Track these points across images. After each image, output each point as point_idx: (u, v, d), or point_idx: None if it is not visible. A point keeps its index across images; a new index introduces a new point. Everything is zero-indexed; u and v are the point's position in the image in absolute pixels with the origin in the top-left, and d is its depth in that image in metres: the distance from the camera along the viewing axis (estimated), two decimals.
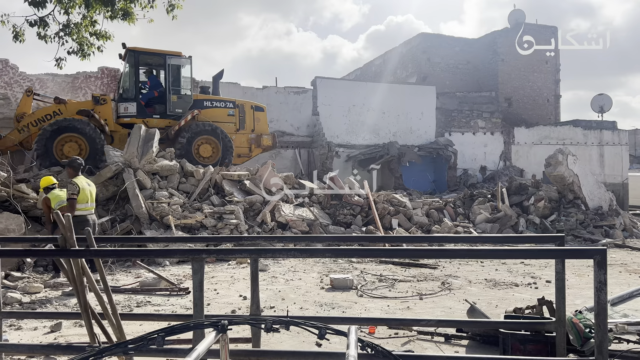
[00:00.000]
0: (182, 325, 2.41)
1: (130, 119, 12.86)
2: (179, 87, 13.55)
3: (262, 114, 14.71)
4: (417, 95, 22.39)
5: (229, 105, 14.17)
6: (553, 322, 3.48)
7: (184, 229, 10.26)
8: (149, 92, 13.47)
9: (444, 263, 9.51)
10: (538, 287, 7.42)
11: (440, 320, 3.63)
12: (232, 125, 13.99)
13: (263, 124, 14.69)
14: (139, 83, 13.28)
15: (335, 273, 8.36)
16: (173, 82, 13.41)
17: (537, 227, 13.60)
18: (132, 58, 13.06)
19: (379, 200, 13.24)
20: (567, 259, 5.05)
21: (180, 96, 13.49)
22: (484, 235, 11.07)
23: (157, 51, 13.19)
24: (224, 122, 13.85)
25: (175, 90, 13.43)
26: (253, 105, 14.72)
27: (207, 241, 7.01)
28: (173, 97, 13.34)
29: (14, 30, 6.54)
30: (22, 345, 3.87)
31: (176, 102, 13.36)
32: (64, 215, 3.21)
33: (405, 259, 9.22)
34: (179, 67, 13.48)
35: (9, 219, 8.60)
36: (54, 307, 6.16)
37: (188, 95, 13.64)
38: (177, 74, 13.51)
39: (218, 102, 14.13)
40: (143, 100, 13.29)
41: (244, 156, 14.53)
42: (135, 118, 12.86)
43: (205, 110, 13.69)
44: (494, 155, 23.25)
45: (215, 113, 13.85)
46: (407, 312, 5.90)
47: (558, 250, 3.37)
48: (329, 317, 4.85)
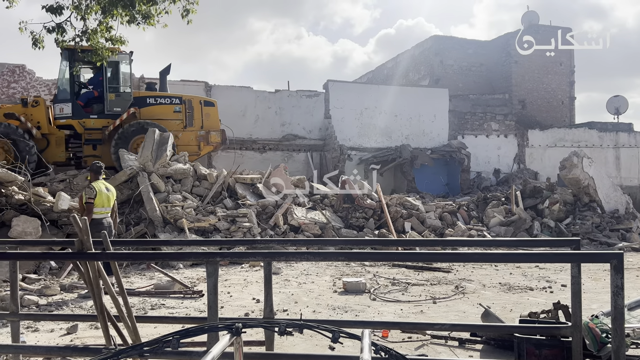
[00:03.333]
0: (197, 327, 2.43)
1: (66, 121, 12.34)
2: (118, 85, 12.83)
3: (212, 109, 13.83)
4: (429, 98, 22.31)
5: (175, 102, 13.28)
6: (569, 327, 3.44)
7: (198, 232, 10.33)
8: (87, 92, 12.84)
9: (458, 267, 9.44)
10: (553, 291, 7.34)
11: (454, 325, 3.61)
12: (178, 122, 13.12)
13: (214, 119, 13.80)
14: (75, 83, 12.69)
15: (348, 276, 8.35)
16: (111, 79, 12.70)
17: (552, 231, 13.45)
18: (67, 57, 12.29)
19: (391, 204, 13.21)
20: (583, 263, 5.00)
21: (119, 94, 12.71)
22: (498, 239, 10.96)
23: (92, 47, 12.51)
24: (170, 119, 13.00)
25: (114, 89, 12.70)
26: (202, 100, 13.89)
27: (221, 244, 7.04)
28: (111, 96, 12.58)
29: (33, 37, 6.66)
30: (40, 347, 3.92)
31: (114, 100, 12.60)
32: (80, 219, 3.26)
33: (419, 262, 9.18)
34: (117, 64, 12.67)
35: (26, 222, 8.74)
36: (70, 309, 6.24)
37: (127, 92, 12.83)
38: (116, 71, 12.76)
39: (163, 98, 13.22)
40: (82, 100, 12.66)
41: (193, 154, 13.34)
42: (71, 119, 12.33)
43: (149, 108, 12.89)
44: (508, 158, 23.06)
45: (160, 110, 13.01)
46: (420, 316, 5.87)
47: (574, 255, 3.34)
48: (342, 320, 4.85)
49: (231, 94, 20.09)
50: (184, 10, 6.72)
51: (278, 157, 19.92)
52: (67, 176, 11.18)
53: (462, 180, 21.53)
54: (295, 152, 20.62)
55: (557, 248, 6.26)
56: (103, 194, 7.18)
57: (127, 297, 3.47)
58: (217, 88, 19.97)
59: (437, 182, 21.53)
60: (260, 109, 20.40)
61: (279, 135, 20.57)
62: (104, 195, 7.17)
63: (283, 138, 20.59)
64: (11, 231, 8.50)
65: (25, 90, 16.50)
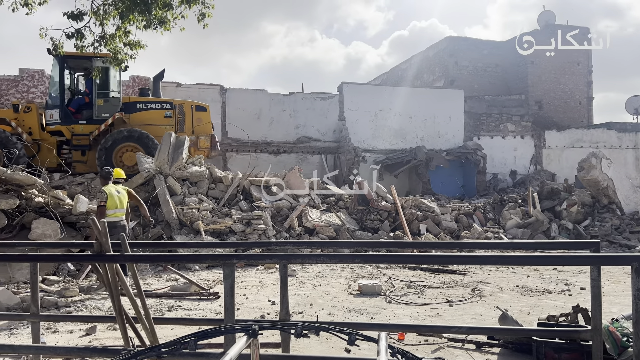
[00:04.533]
0: (214, 329, 2.45)
1: (55, 126, 12.32)
2: (107, 90, 12.70)
3: (204, 114, 13.49)
4: (444, 99, 22.19)
5: (166, 107, 13.02)
6: (589, 331, 3.39)
7: (213, 234, 10.40)
8: (78, 98, 12.76)
9: (474, 269, 9.36)
10: (572, 294, 7.23)
11: (471, 328, 3.57)
12: (169, 127, 12.77)
13: (205, 124, 13.46)
14: (69, 89, 12.68)
15: (363, 279, 8.33)
16: (101, 85, 12.58)
17: (570, 233, 13.26)
18: (57, 64, 12.28)
19: (406, 206, 13.15)
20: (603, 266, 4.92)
21: (107, 100, 12.59)
22: (515, 241, 10.87)
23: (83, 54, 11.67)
24: (160, 124, 12.74)
25: (103, 94, 12.59)
26: (194, 105, 13.57)
27: (237, 246, 7.07)
28: (99, 101, 12.47)
29: (53, 43, 6.79)
30: (60, 348, 3.98)
31: (102, 106, 12.45)
32: (99, 221, 3.30)
33: (435, 265, 9.12)
34: (107, 70, 12.48)
35: (45, 224, 8.87)
36: (88, 310, 6.32)
37: (115, 98, 12.69)
38: (106, 76, 12.64)
39: (153, 103, 12.98)
40: (73, 106, 12.61)
41: None
42: (60, 125, 12.30)
43: (139, 114, 12.71)
44: (525, 159, 22.82)
45: (150, 116, 12.81)
46: (436, 318, 5.83)
47: (594, 257, 3.29)
48: (357, 323, 4.83)
49: (246, 96, 20.21)
50: (200, 15, 6.78)
51: (292, 159, 19.96)
52: (85, 179, 11.34)
53: (478, 181, 21.36)
54: (309, 154, 20.65)
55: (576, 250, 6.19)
56: (114, 196, 7.28)
57: (145, 299, 3.51)
58: (231, 91, 20.10)
59: (453, 183, 21.38)
60: (275, 111, 20.48)
61: (294, 138, 20.62)
62: (115, 197, 7.27)
63: (297, 140, 20.64)
64: (31, 233, 8.64)
65: (44, 95, 16.76)
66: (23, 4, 6.67)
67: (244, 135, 19.78)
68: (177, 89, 18.95)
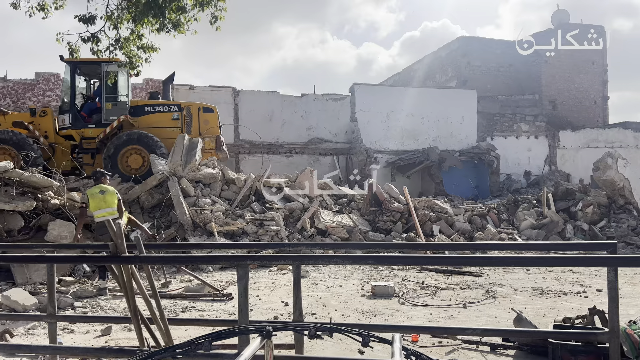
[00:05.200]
0: (229, 330, 2.46)
1: (67, 131, 12.51)
2: (116, 94, 12.82)
3: (211, 115, 13.44)
4: (457, 100, 22.07)
5: (174, 109, 13.08)
6: (606, 333, 3.34)
7: (226, 236, 10.45)
8: (90, 103, 12.98)
9: (488, 271, 9.29)
10: (588, 295, 7.14)
11: (486, 329, 3.55)
12: (177, 130, 12.79)
13: (213, 126, 13.40)
14: (75, 93, 12.80)
15: (376, 280, 8.31)
16: (111, 89, 12.72)
17: (586, 234, 13.10)
18: (69, 69, 12.58)
19: (419, 207, 13.09)
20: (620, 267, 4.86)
21: (115, 103, 12.71)
22: (530, 243, 10.77)
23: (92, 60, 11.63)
24: (168, 127, 12.80)
25: (112, 98, 12.72)
26: (201, 106, 13.55)
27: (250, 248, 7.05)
28: (107, 105, 12.62)
29: (69, 47, 6.88)
30: (77, 348, 4.03)
31: (110, 109, 12.59)
32: (115, 223, 3.34)
33: (448, 266, 9.06)
34: (115, 74, 12.35)
35: (61, 226, 8.99)
36: (103, 311, 6.39)
37: (123, 101, 12.80)
38: (114, 80, 12.64)
39: (161, 106, 13.09)
40: (85, 111, 12.82)
41: None
42: (71, 129, 12.49)
43: (147, 116, 12.83)
44: (539, 159, 22.60)
45: (158, 118, 12.89)
46: (450, 320, 5.80)
47: (611, 258, 3.25)
48: (371, 324, 4.83)
49: (258, 98, 20.29)
50: (213, 17, 6.82)
51: (304, 160, 19.99)
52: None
53: (492, 182, 21.20)
54: (321, 155, 20.66)
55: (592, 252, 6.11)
56: (95, 198, 7.33)
57: (160, 300, 3.54)
58: (244, 93, 20.20)
59: (466, 184, 21.24)
60: (287, 113, 20.54)
61: (305, 139, 20.65)
62: (97, 198, 7.32)
63: (309, 142, 20.67)
64: (47, 235, 8.76)
65: (60, 98, 17.00)
66: (39, 9, 6.78)
67: (256, 137, 19.85)
68: (190, 92, 19.09)
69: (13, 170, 8.72)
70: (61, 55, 12.16)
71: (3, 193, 8.67)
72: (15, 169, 8.83)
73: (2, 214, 8.63)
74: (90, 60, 11.85)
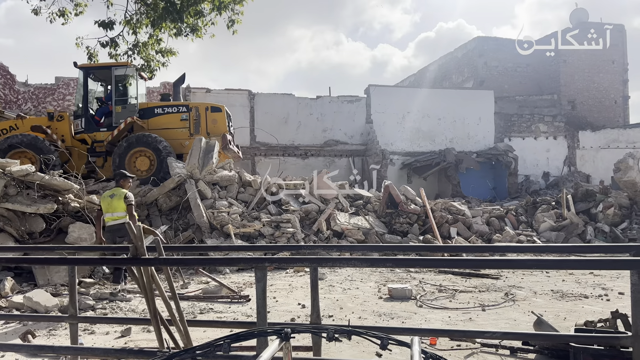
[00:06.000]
0: (247, 332, 2.47)
1: (81, 135, 12.78)
2: (126, 97, 13.08)
3: (219, 114, 13.38)
4: (474, 100, 21.90)
5: (182, 110, 13.18)
6: (629, 337, 3.27)
7: (243, 238, 10.50)
8: (103, 107, 13.20)
9: (507, 273, 9.18)
10: (610, 299, 7.01)
11: (506, 333, 3.51)
12: (185, 130, 12.96)
13: (221, 125, 13.33)
14: (88, 98, 13.06)
15: (393, 283, 8.27)
16: (121, 92, 13.00)
17: (607, 236, 12.88)
18: (82, 75, 12.87)
19: (436, 209, 13.01)
20: None
21: (125, 106, 12.92)
22: (550, 245, 10.61)
23: (103, 64, 12.01)
24: (177, 127, 12.96)
25: (121, 101, 12.95)
26: (209, 106, 13.55)
27: (267, 250, 7.09)
28: (117, 108, 12.82)
29: (88, 52, 7.01)
30: (98, 349, 4.08)
31: (120, 112, 12.77)
32: (135, 226, 3.38)
33: (466, 269, 8.98)
34: (125, 77, 12.86)
35: (81, 228, 9.12)
36: (123, 312, 6.46)
37: (132, 104, 13.01)
38: (124, 84, 13.04)
39: (170, 107, 13.19)
40: (99, 115, 13.09)
41: None
42: (84, 133, 12.76)
43: (157, 118, 12.99)
44: (558, 160, 22.30)
45: (168, 120, 13.03)
46: (469, 323, 5.74)
47: (635, 261, 3.18)
48: (388, 327, 4.80)
49: (273, 101, 20.39)
50: (230, 21, 6.88)
51: (320, 162, 20.02)
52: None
53: (510, 184, 20.97)
54: (337, 157, 20.67)
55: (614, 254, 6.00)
56: (105, 201, 7.43)
57: (179, 302, 3.57)
58: (259, 96, 20.31)
59: (484, 186, 21.05)
60: (302, 115, 20.59)
61: (321, 141, 20.67)
62: (106, 202, 7.42)
63: (325, 144, 20.68)
64: (68, 237, 8.90)
65: (75, 102, 17.29)
66: (59, 15, 6.91)
67: (272, 140, 19.95)
68: (206, 95, 19.27)
69: (35, 174, 8.88)
70: (75, 61, 12.62)
71: (25, 196, 8.83)
72: (36, 172, 8.99)
73: (24, 216, 8.80)
74: (101, 65, 12.04)
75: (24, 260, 3.98)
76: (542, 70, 24.73)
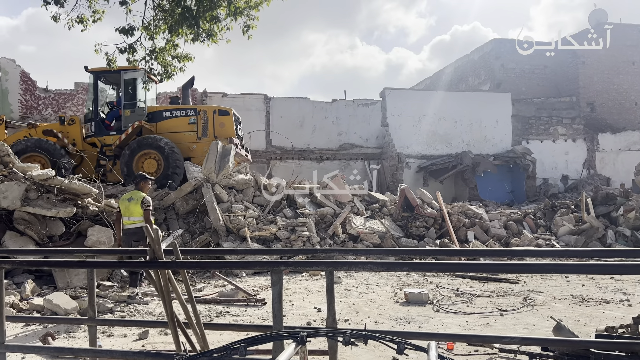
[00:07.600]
0: (263, 336, 2.48)
1: (91, 139, 12.91)
2: (135, 101, 13.13)
3: (227, 118, 13.29)
4: (491, 103, 21.70)
5: (190, 113, 13.15)
6: None
7: (259, 241, 10.54)
8: (114, 111, 13.31)
9: (525, 278, 9.06)
10: (631, 304, 6.88)
11: (524, 338, 3.45)
12: (193, 134, 12.97)
13: (229, 128, 13.25)
14: (98, 102, 13.16)
15: (409, 287, 8.22)
16: (130, 96, 13.08)
17: (628, 240, 12.63)
18: (92, 79, 13.01)
19: (453, 212, 12.90)
20: None
21: (134, 110, 12.99)
22: (569, 249, 10.43)
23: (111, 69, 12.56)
24: (186, 131, 12.99)
25: (130, 105, 13.02)
26: (216, 109, 13.51)
27: (282, 253, 7.10)
28: (126, 112, 12.91)
29: (107, 58, 7.12)
30: (116, 351, 4.13)
31: (129, 116, 12.87)
32: (152, 229, 3.41)
33: (484, 273, 8.89)
34: (134, 81, 13.05)
35: (100, 232, 9.23)
36: (140, 315, 6.52)
37: (141, 108, 13.07)
38: (133, 87, 13.11)
39: (178, 111, 13.20)
40: (109, 119, 13.19)
41: None
42: (94, 137, 12.89)
43: (165, 122, 13.04)
44: (577, 163, 21.97)
45: (176, 123, 13.06)
46: (487, 328, 5.67)
47: None
48: (405, 331, 4.77)
49: (289, 105, 20.45)
50: (245, 26, 6.93)
51: (335, 166, 19.99)
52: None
53: (528, 187, 20.71)
54: (352, 160, 20.64)
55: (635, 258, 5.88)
56: (123, 204, 7.50)
57: (196, 305, 3.59)
58: (275, 100, 20.40)
59: (501, 189, 20.82)
60: (318, 119, 20.61)
61: (336, 145, 20.67)
62: (124, 205, 7.49)
63: (340, 147, 20.68)
64: (87, 240, 9.02)
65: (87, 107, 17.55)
66: (78, 21, 7.03)
67: (287, 143, 20.00)
68: (222, 99, 19.40)
69: (55, 178, 9.02)
70: (86, 65, 12.83)
71: (45, 200, 8.98)
72: (56, 177, 9.13)
73: (44, 219, 8.95)
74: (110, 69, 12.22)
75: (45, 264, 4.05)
76: (560, 72, 24.41)
